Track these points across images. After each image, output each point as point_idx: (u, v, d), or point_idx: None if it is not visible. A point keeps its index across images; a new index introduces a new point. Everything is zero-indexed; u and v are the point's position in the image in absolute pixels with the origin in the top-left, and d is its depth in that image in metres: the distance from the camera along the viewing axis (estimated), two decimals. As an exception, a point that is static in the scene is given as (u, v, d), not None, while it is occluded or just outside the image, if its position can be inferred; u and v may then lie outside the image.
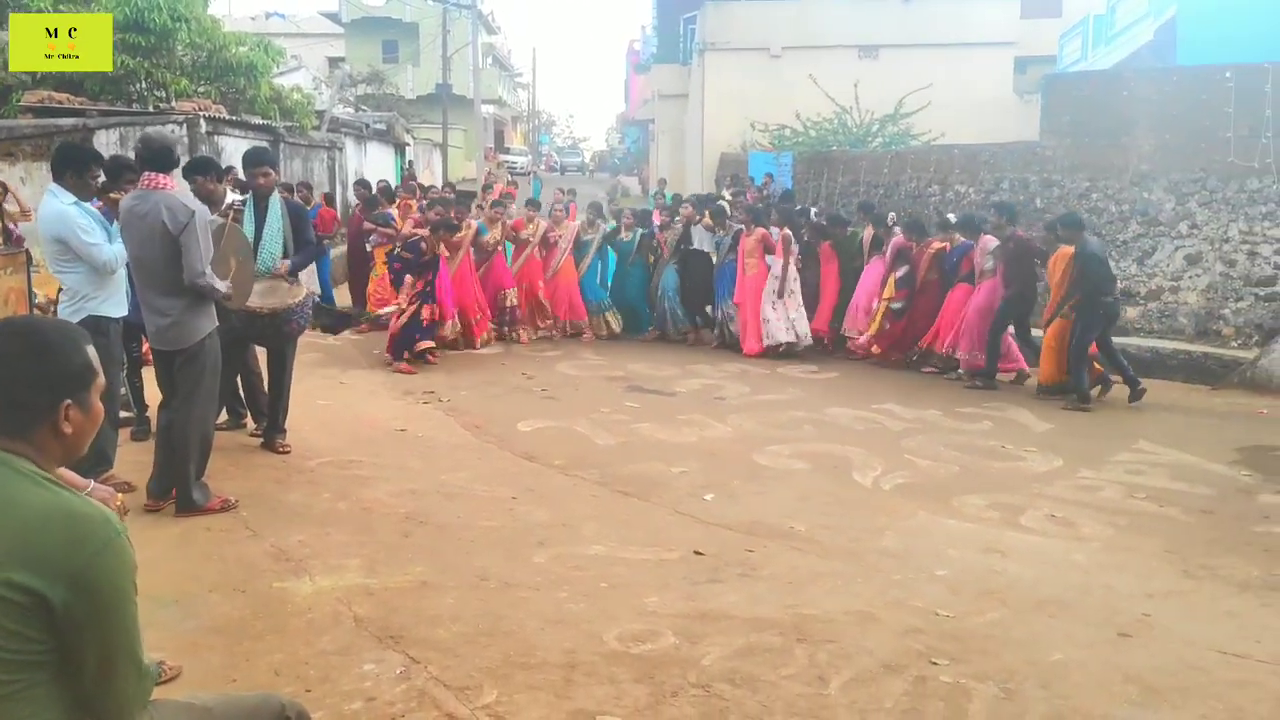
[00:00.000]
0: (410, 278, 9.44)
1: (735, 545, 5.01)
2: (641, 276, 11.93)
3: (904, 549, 5.04)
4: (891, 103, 19.43)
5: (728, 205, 12.79)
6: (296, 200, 8.52)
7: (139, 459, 5.74)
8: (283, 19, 47.49)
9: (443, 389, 8.58)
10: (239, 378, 6.77)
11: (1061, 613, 4.27)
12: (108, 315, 5.27)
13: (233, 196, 7.37)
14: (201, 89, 16.16)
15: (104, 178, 5.62)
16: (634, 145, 57.11)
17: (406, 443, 6.88)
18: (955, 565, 4.82)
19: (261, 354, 6.72)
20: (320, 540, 4.90)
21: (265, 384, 6.73)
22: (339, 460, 6.37)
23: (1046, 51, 23.63)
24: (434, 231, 9.73)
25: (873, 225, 10.72)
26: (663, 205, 13.85)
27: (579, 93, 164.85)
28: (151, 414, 6.20)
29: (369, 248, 11.87)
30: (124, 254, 5.17)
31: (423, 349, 9.54)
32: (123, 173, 5.94)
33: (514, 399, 8.40)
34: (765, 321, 10.63)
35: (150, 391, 6.28)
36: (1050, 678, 3.64)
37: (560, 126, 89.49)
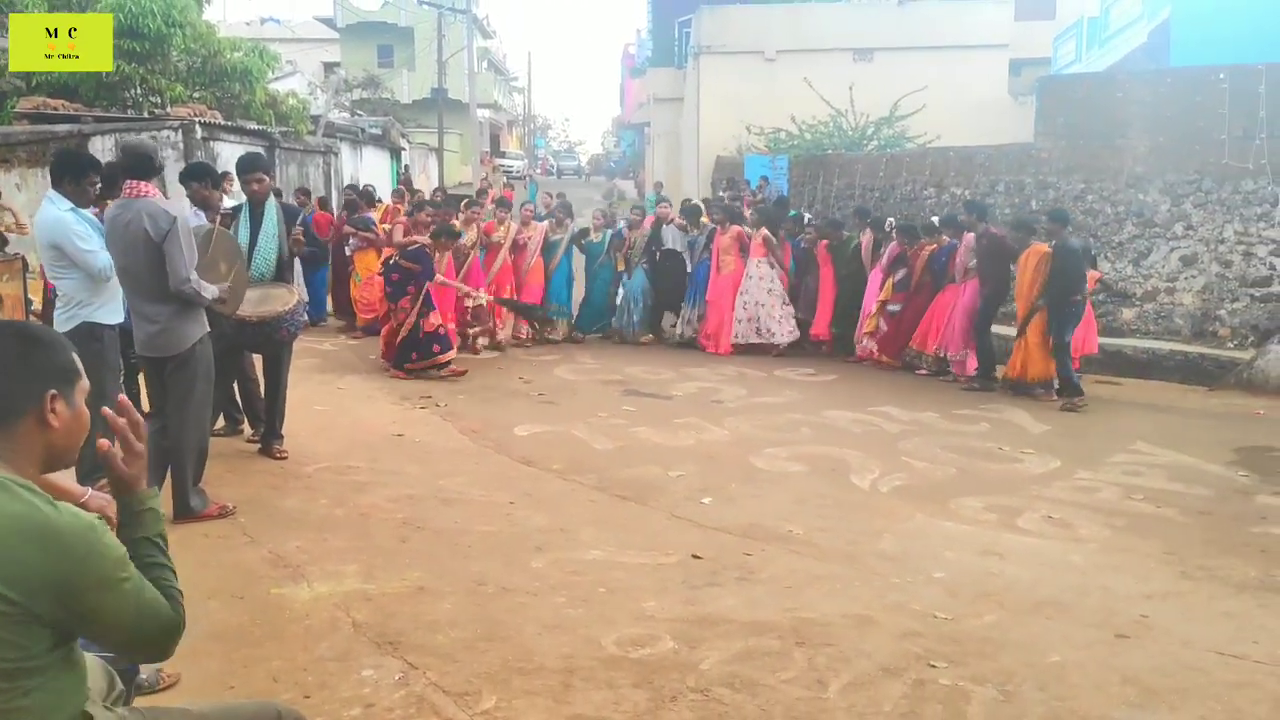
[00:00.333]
0: (412, 288, 9.14)
1: (733, 549, 5.01)
2: (610, 278, 11.84)
3: (902, 551, 5.05)
4: (887, 105, 19.46)
5: (702, 206, 12.85)
6: (293, 206, 8.52)
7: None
8: (278, 24, 47.46)
9: (439, 393, 8.57)
10: (235, 384, 6.76)
11: (1059, 614, 4.28)
12: (102, 322, 5.25)
13: (229, 203, 7.36)
14: (197, 95, 16.16)
15: (101, 185, 5.61)
16: (629, 149, 57.18)
17: (404, 448, 6.88)
18: (953, 567, 4.82)
19: (258, 360, 6.72)
20: (318, 546, 4.89)
21: (262, 390, 6.72)
22: (336, 466, 6.36)
23: (1041, 54, 23.70)
24: (435, 239, 9.62)
25: (872, 230, 10.71)
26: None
27: (574, 97, 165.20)
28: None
29: (348, 252, 11.84)
30: None
31: (445, 360, 9.23)
32: (120, 179, 5.93)
33: (511, 403, 8.40)
34: (737, 321, 10.96)
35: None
36: (1048, 679, 3.64)
37: (556, 130, 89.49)
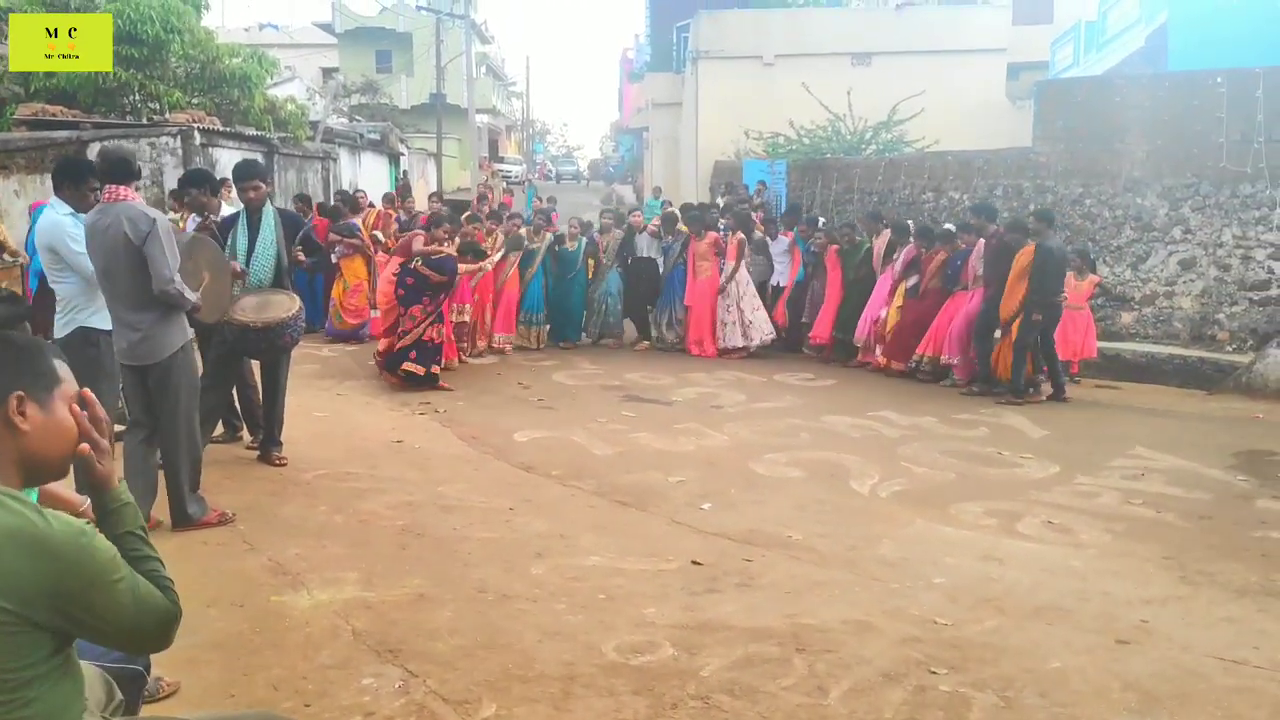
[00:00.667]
0: (427, 297, 8.89)
1: (733, 555, 5.01)
2: (585, 284, 11.79)
3: (901, 557, 5.04)
4: (885, 110, 19.45)
5: (678, 214, 12.87)
6: (292, 212, 8.51)
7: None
8: (276, 30, 47.56)
9: (438, 399, 8.57)
10: (234, 390, 6.75)
11: (1060, 620, 4.27)
12: (98, 327, 5.22)
13: (228, 209, 7.36)
14: (195, 101, 16.17)
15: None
16: (628, 153, 57.21)
17: (403, 454, 6.87)
18: (953, 573, 4.82)
19: (256, 366, 6.71)
20: (317, 553, 4.89)
21: (260, 396, 6.71)
22: (335, 472, 6.35)
23: (1039, 58, 23.74)
24: (462, 254, 9.39)
25: (892, 232, 10.59)
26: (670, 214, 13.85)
27: (573, 101, 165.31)
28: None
29: (334, 259, 11.82)
30: None
31: (435, 373, 9.00)
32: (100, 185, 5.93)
33: (510, 409, 8.40)
34: (722, 325, 11.07)
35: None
36: (1049, 686, 3.64)
37: (554, 135, 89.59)
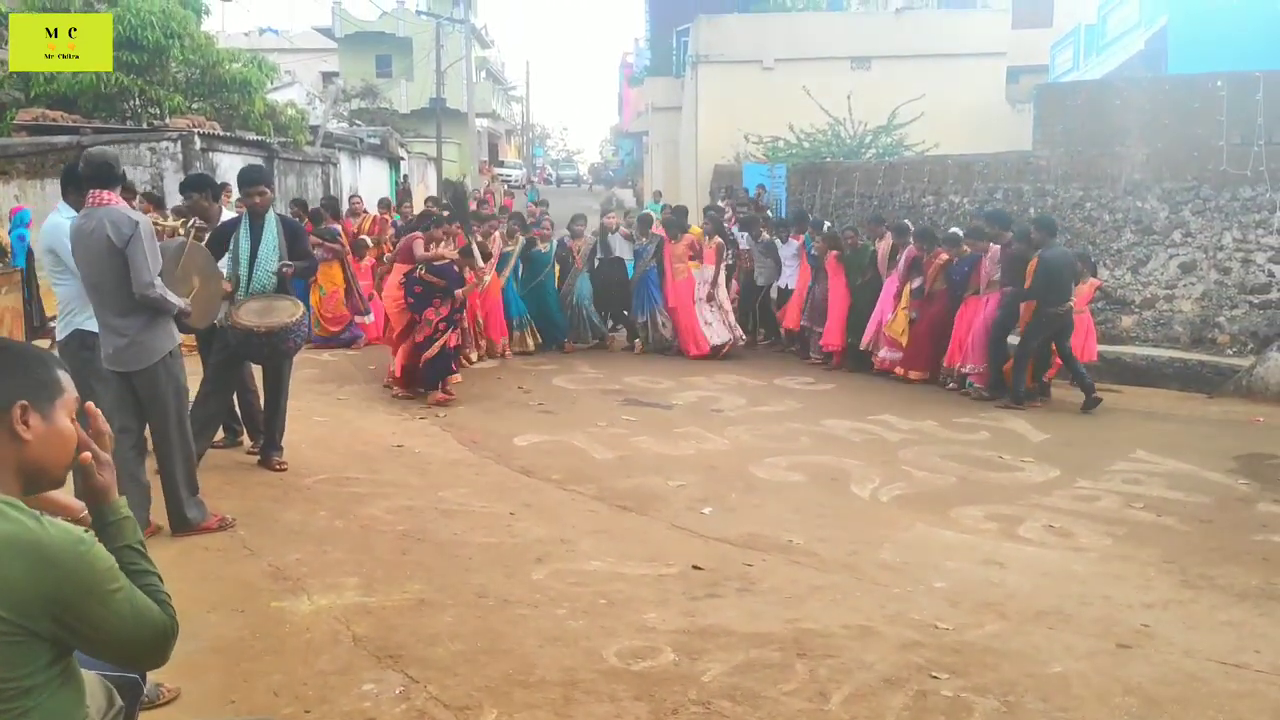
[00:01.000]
0: (437, 299, 8.71)
1: (734, 559, 5.00)
2: (554, 288, 11.75)
3: (902, 561, 5.04)
4: (884, 114, 19.46)
5: (654, 215, 12.95)
6: (292, 218, 8.48)
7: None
8: (276, 35, 47.65)
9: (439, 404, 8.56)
10: (235, 395, 6.75)
11: (1061, 624, 4.27)
12: (94, 330, 5.21)
13: (228, 214, 7.36)
14: (195, 106, 16.21)
15: None
16: (628, 158, 57.29)
17: (403, 459, 6.87)
18: (954, 577, 4.82)
19: (256, 371, 6.71)
20: (318, 559, 4.89)
21: (261, 401, 6.71)
22: (336, 477, 6.35)
23: (1038, 61, 23.76)
24: (466, 256, 9.28)
25: (894, 235, 10.50)
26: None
27: (573, 106, 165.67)
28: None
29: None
30: None
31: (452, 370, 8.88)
32: (122, 192, 5.92)
33: (510, 413, 8.39)
34: (707, 325, 11.20)
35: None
36: (1050, 690, 3.64)
37: (554, 140, 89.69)
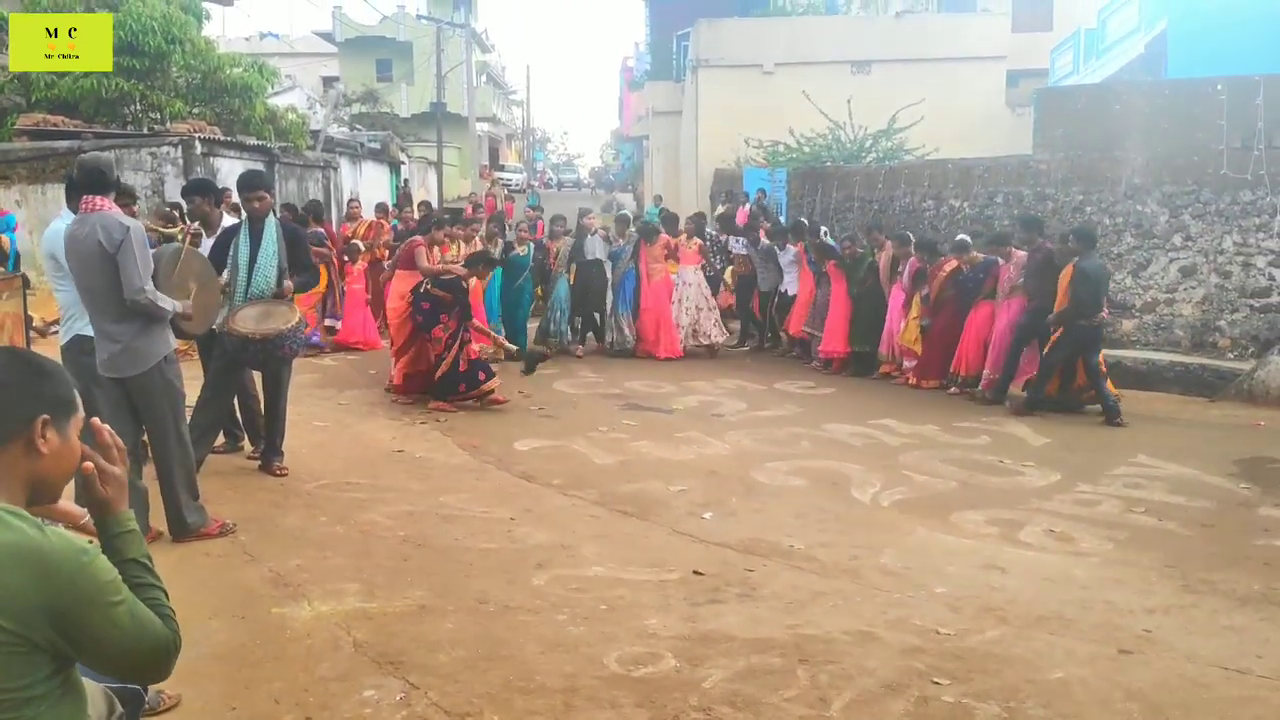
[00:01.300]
0: (445, 315, 8.51)
1: (735, 564, 5.00)
2: (531, 292, 11.78)
3: (903, 566, 5.03)
4: (885, 118, 19.47)
5: (630, 216, 13.16)
6: (293, 224, 8.48)
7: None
8: (277, 39, 47.74)
9: (439, 408, 8.55)
10: (235, 401, 6.75)
11: (1062, 629, 4.27)
12: (92, 335, 5.22)
13: (229, 220, 7.36)
14: (196, 110, 16.24)
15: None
16: (629, 161, 57.32)
17: (404, 464, 6.87)
18: (955, 582, 4.81)
19: (257, 376, 6.70)
20: (319, 564, 4.88)
21: (262, 407, 6.71)
22: (336, 482, 6.35)
23: (1038, 65, 23.78)
24: (471, 267, 9.14)
25: (895, 246, 10.39)
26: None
27: (573, 110, 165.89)
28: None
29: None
30: None
31: (486, 390, 8.61)
32: (122, 197, 5.94)
33: (511, 418, 8.39)
34: (680, 327, 11.50)
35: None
36: (1052, 696, 3.63)
37: (555, 144, 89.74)
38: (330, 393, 9.20)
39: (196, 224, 6.80)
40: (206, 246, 6.33)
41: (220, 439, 6.74)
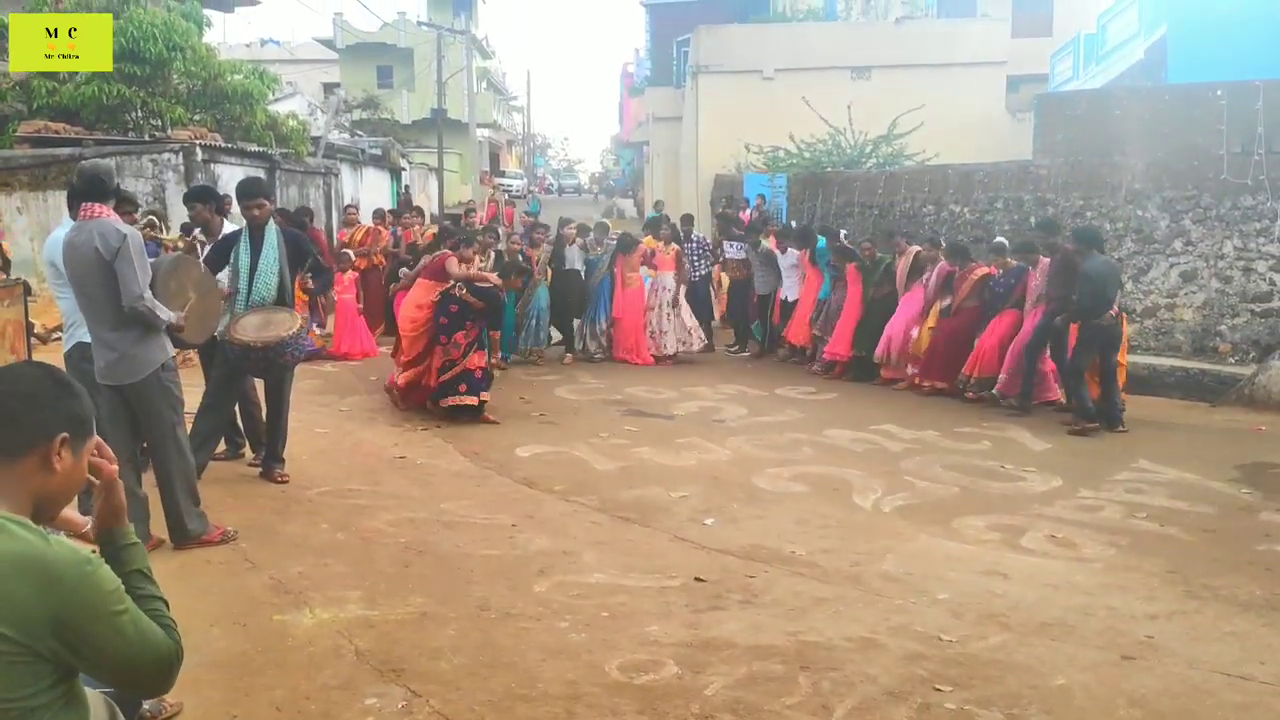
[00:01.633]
0: (470, 323, 8.39)
1: (736, 571, 5.00)
2: (513, 298, 11.56)
3: (905, 572, 5.03)
4: (885, 123, 19.49)
5: (608, 224, 13.19)
6: (293, 230, 8.45)
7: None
8: (277, 46, 47.79)
9: (440, 413, 8.53)
10: (237, 408, 6.75)
11: (1064, 635, 4.26)
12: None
13: (229, 226, 7.36)
14: (197, 117, 16.24)
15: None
16: (629, 167, 57.42)
17: (405, 470, 6.87)
18: (957, 588, 4.80)
19: (259, 383, 6.71)
20: (320, 571, 4.88)
21: (263, 414, 6.71)
22: (338, 489, 6.35)
23: (1038, 70, 23.81)
24: (505, 276, 8.99)
25: (925, 247, 10.23)
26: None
27: (573, 116, 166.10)
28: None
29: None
30: None
31: (481, 402, 8.38)
32: (123, 205, 5.95)
33: (512, 424, 8.38)
34: (663, 334, 11.56)
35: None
36: (1054, 703, 3.62)
37: (555, 150, 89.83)
38: (331, 399, 9.20)
39: (198, 231, 6.80)
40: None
41: (221, 446, 6.74)
